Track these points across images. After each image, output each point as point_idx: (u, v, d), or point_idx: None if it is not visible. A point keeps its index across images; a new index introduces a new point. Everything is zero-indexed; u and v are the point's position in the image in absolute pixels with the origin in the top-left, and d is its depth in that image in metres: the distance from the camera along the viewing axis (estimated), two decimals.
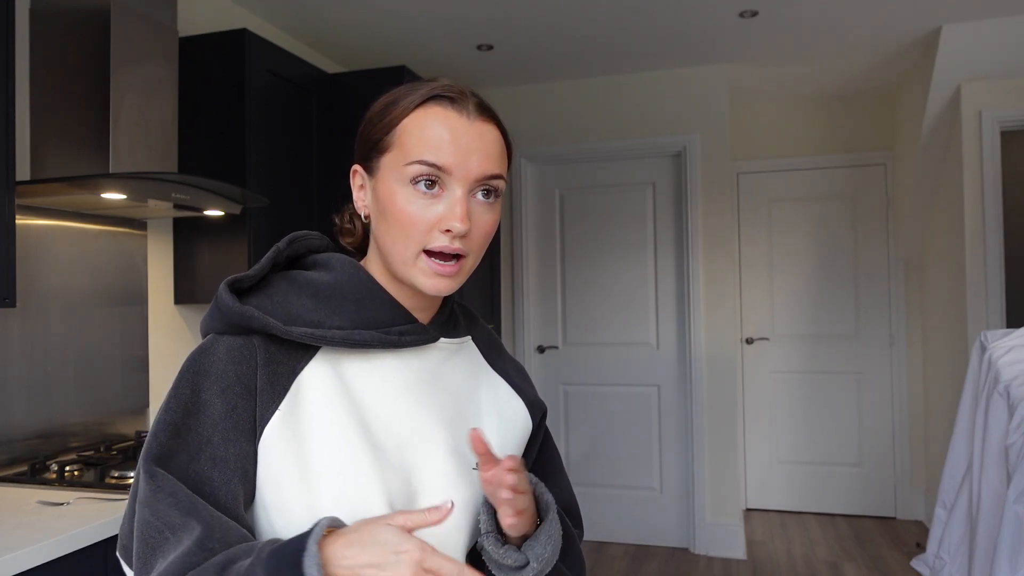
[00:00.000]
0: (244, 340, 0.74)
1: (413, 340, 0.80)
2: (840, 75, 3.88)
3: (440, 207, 0.75)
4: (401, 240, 0.76)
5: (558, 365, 4.03)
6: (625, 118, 3.87)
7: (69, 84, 1.91)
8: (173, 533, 0.66)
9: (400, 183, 0.75)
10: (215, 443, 0.70)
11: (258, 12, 2.93)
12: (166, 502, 0.67)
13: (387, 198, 0.76)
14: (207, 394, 0.71)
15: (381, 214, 0.78)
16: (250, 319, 0.73)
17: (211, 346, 0.74)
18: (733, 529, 3.68)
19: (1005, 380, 2.05)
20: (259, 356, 0.73)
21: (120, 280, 2.25)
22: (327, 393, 0.74)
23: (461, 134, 0.75)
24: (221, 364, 0.72)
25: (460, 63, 3.61)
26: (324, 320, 0.76)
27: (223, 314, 0.74)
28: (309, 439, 0.72)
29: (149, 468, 0.69)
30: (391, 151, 0.76)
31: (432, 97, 0.76)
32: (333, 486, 0.71)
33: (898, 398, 4.21)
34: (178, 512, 0.67)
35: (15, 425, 1.90)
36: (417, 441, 0.78)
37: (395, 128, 0.76)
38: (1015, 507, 1.78)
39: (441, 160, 0.74)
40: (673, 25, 3.16)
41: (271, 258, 0.79)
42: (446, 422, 0.81)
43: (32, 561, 1.30)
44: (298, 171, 2.70)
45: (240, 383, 0.72)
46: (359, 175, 0.82)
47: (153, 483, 0.68)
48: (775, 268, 4.42)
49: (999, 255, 3.34)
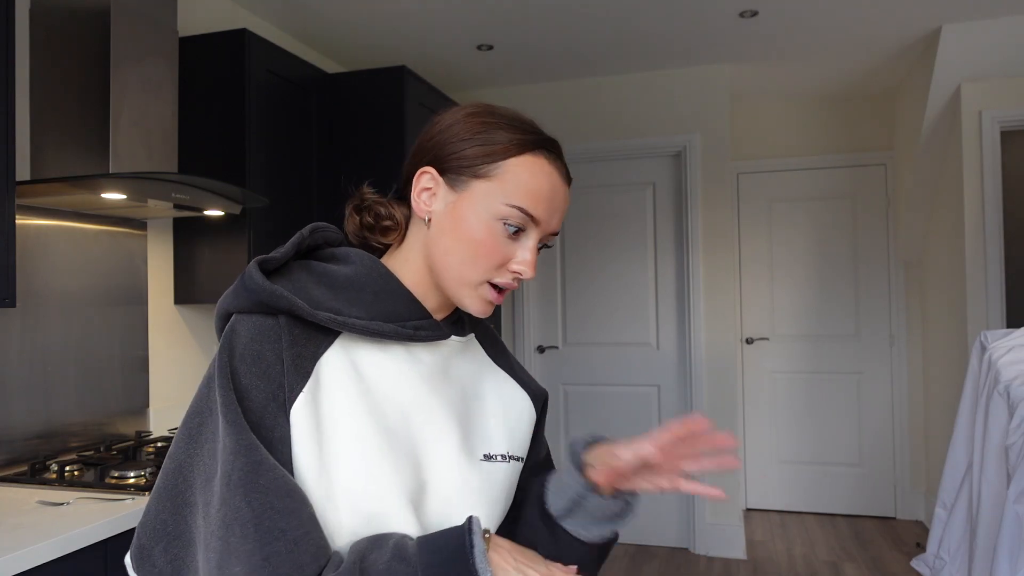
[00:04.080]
0: (273, 320, 0.74)
1: (426, 335, 0.81)
2: (840, 75, 3.88)
3: (515, 250, 0.79)
4: (469, 265, 0.78)
5: (558, 365, 4.03)
6: (625, 118, 3.87)
7: (69, 84, 1.91)
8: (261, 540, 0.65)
9: (490, 215, 0.77)
10: (267, 424, 0.70)
11: (258, 12, 2.93)
12: (270, 505, 0.66)
13: (469, 222, 0.78)
14: (248, 378, 0.71)
15: (453, 232, 0.79)
16: (279, 298, 0.73)
17: (237, 327, 0.74)
18: (733, 529, 3.68)
19: (1005, 380, 2.05)
20: (284, 337, 0.73)
21: (120, 280, 2.25)
22: (345, 380, 0.75)
23: (557, 192, 0.80)
24: (257, 345, 0.72)
25: (460, 63, 3.61)
26: (342, 309, 0.77)
27: (250, 292, 0.74)
28: (328, 424, 0.72)
29: (249, 441, 0.68)
30: (491, 181, 0.78)
31: (541, 146, 0.79)
32: (349, 472, 0.72)
33: (898, 398, 4.21)
34: (282, 514, 0.66)
35: (15, 425, 1.90)
36: (428, 432, 0.79)
37: (501, 162, 0.78)
38: (1015, 507, 1.78)
39: (537, 213, 0.78)
40: (673, 25, 3.16)
41: (296, 244, 0.80)
42: (455, 415, 0.82)
43: (32, 561, 1.30)
44: (298, 171, 2.70)
45: (278, 362, 0.72)
46: (432, 179, 0.80)
47: (251, 460, 0.67)
48: (775, 268, 4.42)
49: (999, 255, 3.34)
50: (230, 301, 0.75)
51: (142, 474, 1.74)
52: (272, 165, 2.53)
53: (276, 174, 2.56)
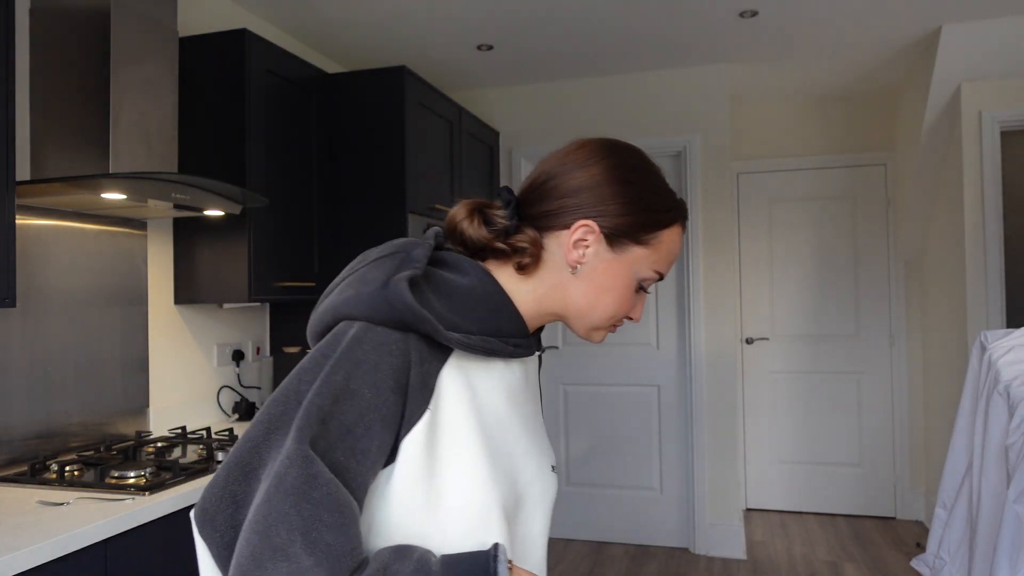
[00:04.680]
0: (402, 336, 0.74)
1: (522, 352, 0.83)
2: (840, 75, 3.88)
3: (636, 301, 0.87)
4: (601, 310, 0.84)
5: (558, 365, 4.03)
6: (625, 118, 3.87)
7: (69, 84, 1.91)
8: (308, 549, 0.64)
9: (637, 277, 0.84)
10: (356, 434, 0.70)
11: (258, 12, 2.93)
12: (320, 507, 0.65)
13: (618, 279, 0.83)
14: (357, 383, 0.71)
15: (599, 285, 0.83)
16: (424, 321, 0.73)
17: (365, 336, 0.73)
18: (733, 529, 3.68)
19: (1005, 380, 2.05)
20: (413, 354, 0.74)
21: (120, 280, 2.25)
22: (461, 397, 0.76)
23: None
24: (376, 356, 0.72)
25: (460, 63, 3.61)
26: (459, 324, 0.77)
27: (393, 308, 0.73)
28: (444, 440, 0.74)
29: (306, 452, 0.66)
30: (647, 249, 0.83)
31: (682, 214, 0.87)
32: (459, 490, 0.73)
33: (898, 398, 4.21)
34: (330, 528, 0.65)
35: (15, 425, 1.90)
36: (519, 446, 0.82)
37: (659, 232, 0.83)
38: (1015, 507, 1.78)
39: (666, 273, 0.87)
40: (673, 25, 3.16)
41: (427, 255, 0.80)
42: (532, 428, 0.87)
43: (32, 561, 1.30)
44: (298, 171, 2.70)
45: (393, 378, 0.72)
46: (590, 232, 0.81)
47: (307, 472, 0.66)
48: (775, 268, 4.42)
49: (999, 255, 3.34)
50: (361, 309, 0.74)
51: (142, 474, 1.74)
52: (272, 165, 2.53)
53: (276, 174, 2.56)
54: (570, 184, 0.82)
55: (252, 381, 2.85)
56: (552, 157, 0.86)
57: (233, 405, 2.71)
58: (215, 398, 2.66)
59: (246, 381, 2.82)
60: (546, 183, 0.83)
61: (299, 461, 0.66)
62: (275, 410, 0.71)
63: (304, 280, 2.69)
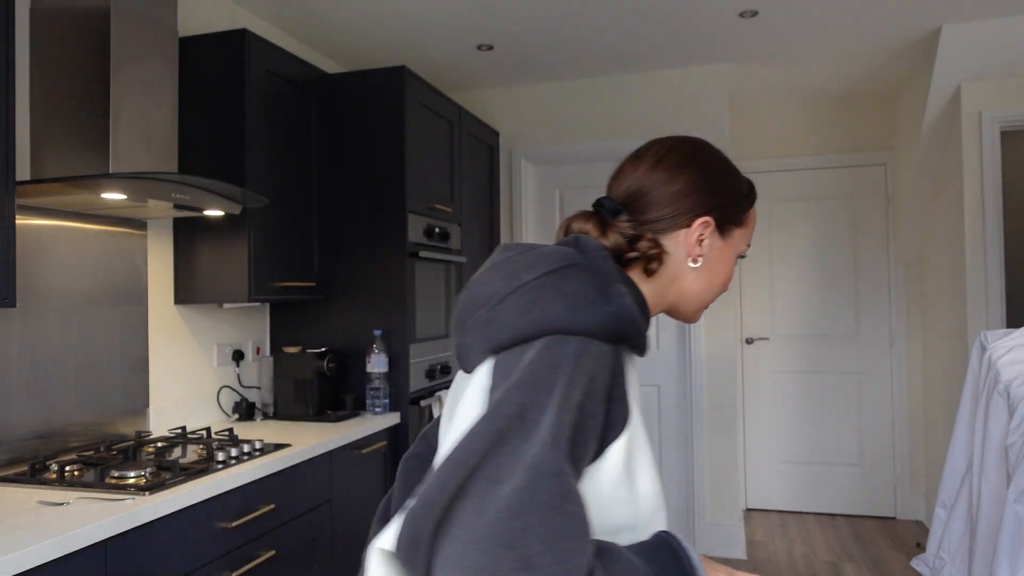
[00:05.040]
0: (612, 348, 0.76)
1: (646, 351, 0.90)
2: (840, 75, 3.88)
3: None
4: (710, 294, 0.93)
5: None
6: (625, 118, 3.87)
7: (69, 84, 1.91)
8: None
9: (735, 254, 0.94)
10: (577, 443, 0.70)
11: (258, 12, 2.93)
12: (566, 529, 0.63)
13: (727, 261, 0.93)
14: (588, 398, 0.71)
15: (714, 271, 0.92)
16: (640, 335, 0.80)
17: (588, 349, 0.73)
18: (733, 529, 3.68)
19: (1005, 380, 2.05)
20: (620, 365, 0.77)
21: (120, 280, 2.25)
22: (635, 395, 0.82)
23: None
24: (599, 369, 0.73)
25: (460, 63, 3.61)
26: None
27: (620, 323, 0.77)
28: (636, 440, 0.78)
29: (560, 466, 0.65)
30: (743, 228, 0.95)
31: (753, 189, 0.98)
32: (649, 479, 0.78)
33: (898, 398, 4.21)
34: (575, 537, 0.63)
35: (15, 425, 1.90)
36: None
37: (749, 212, 0.95)
38: (1015, 507, 1.78)
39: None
40: (673, 25, 3.16)
41: (614, 266, 0.85)
42: None
43: (32, 561, 1.30)
44: (298, 171, 2.70)
45: (605, 389, 0.74)
46: (708, 226, 0.90)
47: (562, 487, 0.64)
48: (775, 268, 4.42)
49: (999, 255, 3.34)
50: (588, 323, 0.74)
51: (142, 474, 1.74)
52: (272, 165, 2.53)
53: (276, 174, 2.56)
54: (673, 189, 0.89)
55: (252, 381, 2.85)
56: (640, 167, 0.92)
57: (233, 405, 2.71)
58: (215, 398, 2.67)
59: (246, 381, 2.82)
60: (650, 192, 0.90)
61: (556, 474, 0.65)
62: (499, 424, 0.67)
63: (304, 280, 2.69)
